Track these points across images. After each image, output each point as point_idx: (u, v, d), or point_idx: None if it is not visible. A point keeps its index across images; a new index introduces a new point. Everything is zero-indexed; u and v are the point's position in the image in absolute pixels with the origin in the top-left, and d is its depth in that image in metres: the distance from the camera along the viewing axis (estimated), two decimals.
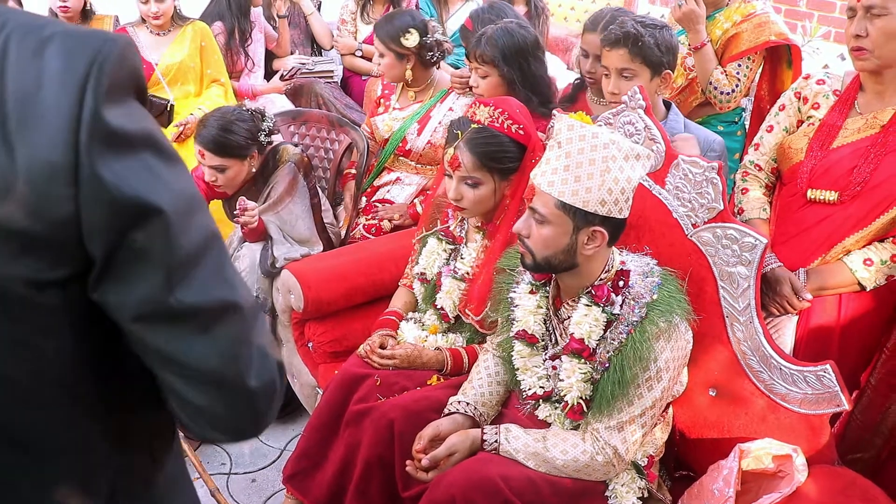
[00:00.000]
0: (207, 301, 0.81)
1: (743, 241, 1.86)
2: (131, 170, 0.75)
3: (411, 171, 3.29)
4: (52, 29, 0.75)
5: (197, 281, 0.80)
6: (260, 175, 2.89)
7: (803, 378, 1.81)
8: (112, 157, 0.74)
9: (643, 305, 1.75)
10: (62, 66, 0.73)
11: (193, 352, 0.81)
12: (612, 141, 1.66)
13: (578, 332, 1.79)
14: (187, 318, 0.80)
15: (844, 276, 2.10)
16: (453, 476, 1.77)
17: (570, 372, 1.81)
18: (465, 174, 2.12)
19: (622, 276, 1.80)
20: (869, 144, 2.08)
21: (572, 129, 1.68)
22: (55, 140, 0.72)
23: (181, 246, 0.78)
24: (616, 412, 1.75)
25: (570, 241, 1.72)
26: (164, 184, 0.78)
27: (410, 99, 3.24)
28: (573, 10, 5.77)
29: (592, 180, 1.65)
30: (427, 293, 2.36)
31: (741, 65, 3.00)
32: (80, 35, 0.76)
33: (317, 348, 2.64)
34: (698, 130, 2.55)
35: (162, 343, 0.81)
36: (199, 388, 0.83)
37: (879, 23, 1.98)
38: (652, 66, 2.36)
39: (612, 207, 1.68)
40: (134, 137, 0.77)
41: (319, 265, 2.70)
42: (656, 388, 1.74)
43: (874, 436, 2.22)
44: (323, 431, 2.16)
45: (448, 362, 2.20)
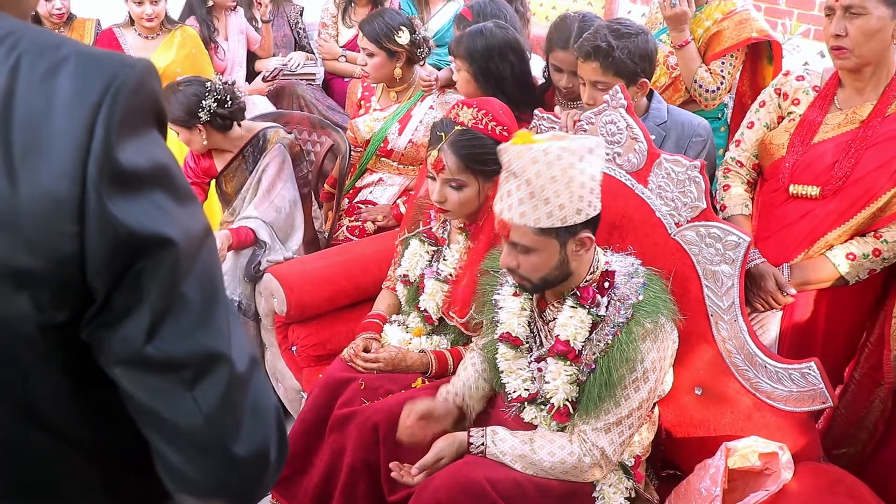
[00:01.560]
0: (191, 352, 0.75)
1: (726, 239, 1.86)
2: (141, 208, 0.70)
3: (393, 171, 3.28)
4: (67, 50, 0.70)
5: (184, 329, 0.74)
6: (249, 156, 2.90)
7: (788, 376, 1.81)
8: (121, 195, 0.69)
9: (629, 306, 1.75)
10: (74, 90, 0.68)
11: (173, 408, 0.75)
12: (563, 149, 1.63)
13: (564, 333, 1.78)
14: (168, 369, 0.74)
15: (827, 271, 2.11)
16: (439, 479, 1.76)
17: (555, 374, 1.80)
18: (449, 176, 2.11)
19: (607, 276, 1.79)
20: (849, 140, 2.10)
21: (522, 155, 1.64)
22: (61, 172, 0.67)
23: (178, 288, 0.74)
24: (603, 413, 1.74)
25: (561, 257, 1.72)
26: (174, 221, 0.73)
27: (392, 99, 3.23)
28: (554, 9, 5.79)
29: (560, 197, 1.63)
30: (410, 295, 2.34)
31: (724, 62, 3.01)
32: (97, 58, 0.71)
33: (300, 352, 2.62)
34: (682, 115, 2.54)
35: (142, 394, 0.76)
36: (180, 448, 0.77)
37: (858, 22, 1.99)
38: (625, 76, 2.30)
39: (588, 209, 1.67)
40: (145, 174, 0.72)
41: (302, 268, 2.68)
42: (643, 388, 1.73)
43: (858, 430, 2.23)
44: (308, 436, 2.14)
45: (433, 365, 2.19)
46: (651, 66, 2.38)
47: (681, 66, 3.04)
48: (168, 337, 0.73)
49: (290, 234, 2.94)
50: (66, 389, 0.77)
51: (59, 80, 0.68)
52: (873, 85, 2.11)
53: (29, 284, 0.69)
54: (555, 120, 2.28)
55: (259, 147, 2.92)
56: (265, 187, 2.86)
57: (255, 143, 2.93)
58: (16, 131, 0.67)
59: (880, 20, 1.98)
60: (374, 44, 3.05)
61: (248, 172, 2.92)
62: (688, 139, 2.46)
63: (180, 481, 0.80)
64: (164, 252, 0.72)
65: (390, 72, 3.12)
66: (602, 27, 2.34)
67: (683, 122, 2.49)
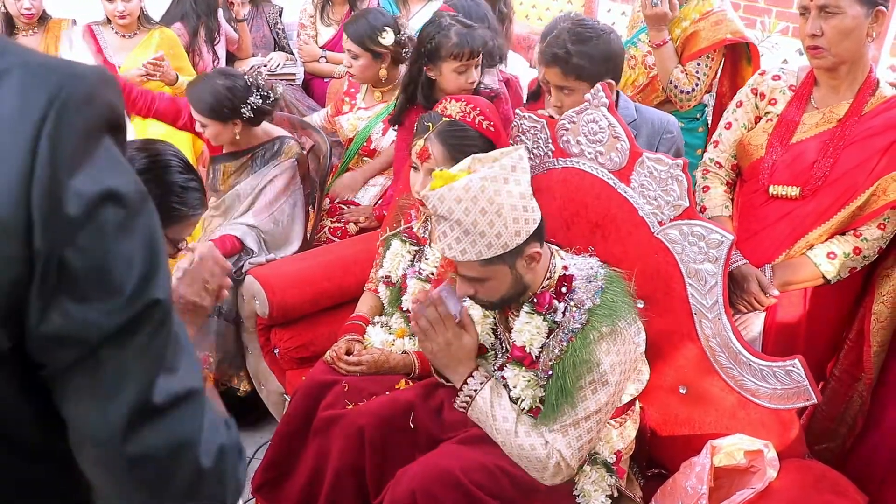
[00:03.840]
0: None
1: (709, 237, 1.86)
2: (79, 235, 0.67)
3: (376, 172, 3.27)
4: (9, 60, 0.66)
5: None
6: (259, 158, 2.86)
7: (772, 373, 1.81)
8: (63, 215, 0.65)
9: (584, 311, 1.75)
10: (16, 105, 0.63)
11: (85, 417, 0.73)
12: (483, 178, 1.63)
13: (520, 339, 1.81)
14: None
15: (809, 271, 2.12)
16: (413, 471, 1.76)
17: (514, 380, 1.82)
18: (433, 166, 2.10)
19: (564, 281, 1.81)
20: (827, 139, 2.11)
21: (444, 199, 1.65)
22: (5, 195, 0.63)
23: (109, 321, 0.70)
24: (560, 416, 1.74)
25: (514, 276, 1.74)
26: (117, 253, 0.70)
27: (377, 99, 3.22)
28: (534, 7, 5.80)
29: (495, 226, 1.64)
30: (393, 296, 2.33)
31: (700, 63, 3.03)
32: (43, 68, 0.66)
33: (283, 354, 2.60)
34: (651, 112, 2.55)
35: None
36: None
37: (834, 21, 2.00)
38: (587, 79, 2.28)
39: (526, 227, 1.69)
40: (90, 195, 0.67)
41: (284, 270, 2.66)
42: (601, 392, 1.73)
43: (839, 425, 2.25)
44: (291, 440, 2.12)
45: (415, 365, 2.17)
46: (615, 66, 2.36)
47: (658, 66, 3.05)
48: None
49: (284, 246, 2.91)
50: (27, 408, 0.74)
51: (1, 94, 0.64)
52: (848, 83, 2.12)
53: None
54: (536, 119, 2.28)
55: (273, 153, 2.88)
56: (269, 198, 2.83)
57: (269, 147, 2.88)
58: None
59: (855, 19, 1.99)
60: (358, 45, 3.04)
61: (251, 172, 2.88)
62: (658, 136, 2.47)
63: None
64: (114, 287, 0.70)
65: (375, 73, 3.11)
66: (563, 31, 2.31)
67: (653, 120, 2.49)
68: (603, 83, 2.10)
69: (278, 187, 2.84)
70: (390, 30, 3.02)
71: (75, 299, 0.68)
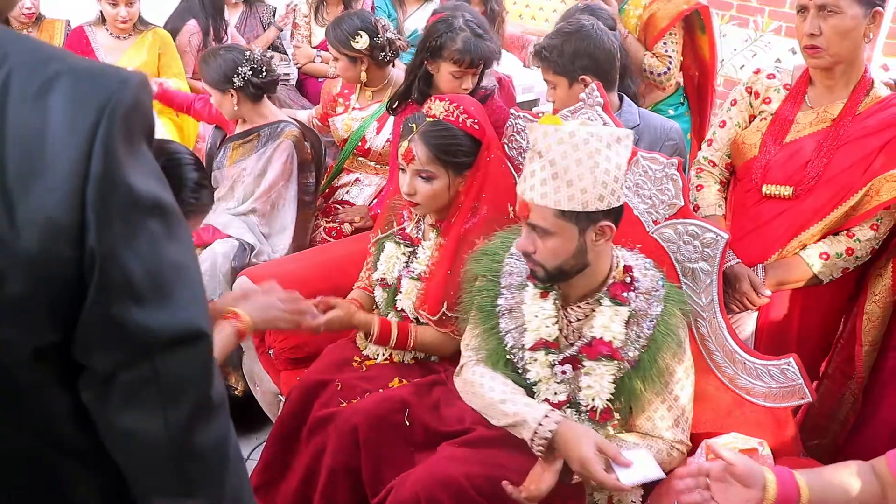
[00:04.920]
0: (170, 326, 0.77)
1: (704, 236, 1.87)
2: (136, 239, 0.71)
3: (370, 171, 3.27)
4: (57, 66, 0.68)
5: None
6: (264, 137, 2.98)
7: (767, 372, 1.82)
8: (120, 219, 0.69)
9: (659, 298, 1.76)
10: (69, 110, 0.66)
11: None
12: (591, 134, 1.63)
13: (608, 334, 1.75)
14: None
15: (801, 271, 2.13)
16: (417, 475, 1.75)
17: (598, 376, 1.76)
18: (419, 167, 2.10)
19: (628, 271, 1.79)
20: (821, 139, 2.11)
21: (548, 135, 1.64)
22: (60, 197, 0.65)
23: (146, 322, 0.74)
24: (666, 410, 1.79)
25: (579, 244, 1.69)
26: (167, 260, 0.74)
27: (369, 98, 3.22)
28: (528, 7, 5.80)
29: (584, 180, 1.61)
30: (389, 298, 2.32)
31: (666, 42, 3.07)
32: (91, 74, 0.69)
33: (278, 355, 2.59)
34: (654, 119, 2.56)
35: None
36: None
37: (833, 21, 2.00)
38: (565, 75, 2.39)
39: (611, 198, 1.65)
40: (143, 200, 0.71)
41: (279, 270, 2.65)
42: (691, 374, 1.81)
43: (831, 422, 2.26)
44: (286, 441, 2.12)
45: (374, 330, 2.15)
46: (595, 63, 2.38)
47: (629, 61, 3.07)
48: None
49: (279, 232, 2.98)
50: (64, 402, 0.77)
51: (53, 100, 0.66)
52: (843, 83, 2.12)
53: (25, 308, 0.67)
54: (531, 118, 2.28)
55: (274, 134, 2.99)
56: (269, 183, 2.94)
57: (272, 128, 3.00)
58: (10, 154, 0.65)
59: (854, 19, 2.00)
60: (335, 49, 3.11)
61: (255, 150, 2.99)
62: (660, 143, 2.48)
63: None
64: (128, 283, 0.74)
65: (356, 75, 3.15)
66: (555, 28, 2.43)
67: (656, 126, 2.50)
68: (598, 83, 2.11)
69: (276, 171, 2.93)
70: (365, 34, 3.03)
71: (134, 302, 0.72)
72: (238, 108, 2.93)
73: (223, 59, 2.86)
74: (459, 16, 2.79)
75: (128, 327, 0.72)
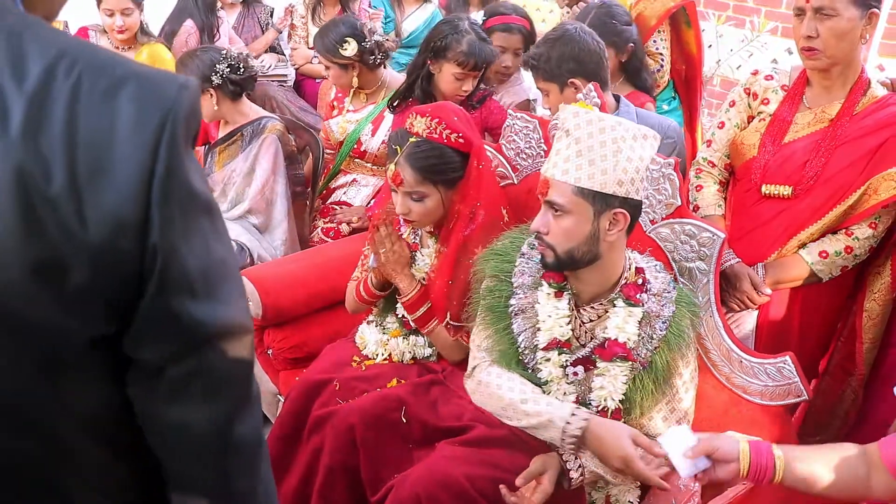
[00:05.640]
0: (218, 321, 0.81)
1: (701, 236, 1.87)
2: (192, 236, 0.76)
3: (367, 172, 3.28)
4: (123, 70, 0.72)
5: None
6: (247, 136, 3.00)
7: (764, 370, 1.83)
8: (180, 216, 0.74)
9: (671, 299, 1.76)
10: (136, 113, 0.70)
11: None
12: (619, 122, 1.65)
13: (622, 335, 1.74)
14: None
15: (801, 269, 2.14)
16: (417, 475, 1.76)
17: (612, 377, 1.75)
18: (409, 190, 2.07)
19: (640, 273, 1.78)
20: (819, 139, 2.12)
21: (578, 115, 1.66)
22: (127, 194, 0.70)
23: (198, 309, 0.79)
24: (671, 413, 1.79)
25: (592, 228, 1.66)
26: (216, 256, 0.80)
27: (363, 101, 3.23)
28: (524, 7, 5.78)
29: (606, 161, 1.62)
30: (387, 301, 2.32)
31: (655, 40, 3.07)
32: (155, 79, 0.73)
33: (277, 355, 2.60)
34: (651, 118, 2.57)
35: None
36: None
37: (829, 23, 2.01)
38: (553, 80, 2.41)
39: (630, 188, 1.65)
40: (199, 199, 0.77)
41: (277, 271, 2.66)
42: (696, 377, 1.81)
43: (832, 419, 2.27)
44: (286, 441, 2.12)
45: (413, 293, 2.17)
46: (581, 65, 2.39)
47: None
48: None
49: (275, 227, 3.02)
50: (112, 396, 0.81)
51: (120, 102, 0.70)
52: (841, 84, 2.13)
53: (87, 299, 0.71)
54: (528, 119, 2.28)
55: (258, 131, 3.01)
56: (261, 181, 2.97)
57: (255, 125, 3.03)
58: (80, 151, 0.68)
59: (850, 21, 2.00)
60: (324, 59, 3.13)
61: (240, 150, 3.01)
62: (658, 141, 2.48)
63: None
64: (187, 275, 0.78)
65: (348, 81, 3.17)
66: (542, 37, 2.48)
67: (653, 125, 2.50)
68: (595, 83, 2.11)
69: (266, 169, 2.97)
70: (352, 40, 3.04)
71: (190, 296, 0.77)
72: (218, 107, 2.94)
73: (200, 60, 2.87)
74: (465, 18, 2.80)
75: (182, 320, 0.76)
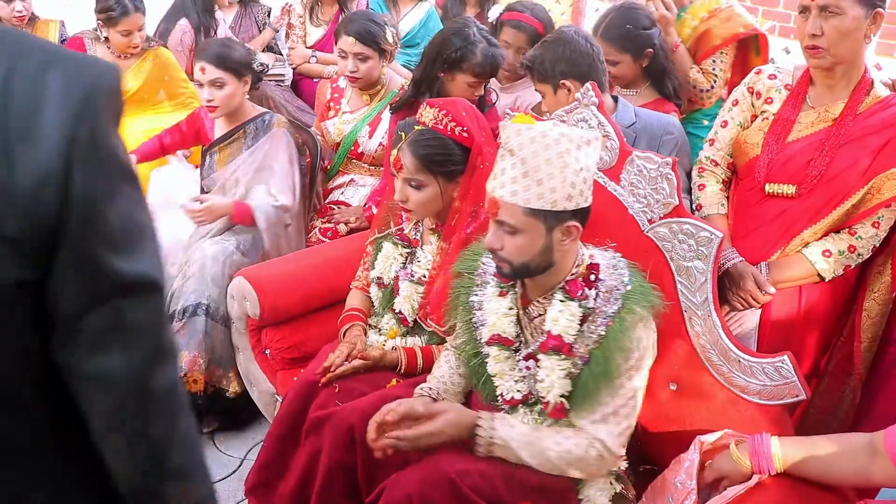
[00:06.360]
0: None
1: (699, 235, 1.87)
2: (114, 195, 0.84)
3: (365, 172, 3.28)
4: (52, 55, 0.83)
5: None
6: (251, 132, 3.00)
7: (762, 369, 1.83)
8: (101, 175, 0.82)
9: (618, 296, 1.75)
10: (63, 87, 0.80)
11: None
12: (562, 134, 1.65)
13: (556, 328, 1.76)
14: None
15: (804, 268, 2.14)
16: (410, 474, 1.76)
17: (549, 370, 1.77)
18: (408, 176, 2.12)
19: (593, 269, 1.79)
20: (823, 138, 2.12)
21: (520, 133, 1.65)
22: (51, 151, 0.79)
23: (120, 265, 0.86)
24: (599, 405, 1.73)
25: (546, 242, 1.70)
26: (138, 220, 0.88)
27: (364, 101, 3.22)
28: None
29: (554, 179, 1.63)
30: (385, 298, 2.33)
31: (715, 60, 3.03)
32: (81, 60, 0.84)
33: (274, 355, 2.60)
34: (651, 116, 2.57)
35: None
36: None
37: (834, 21, 2.01)
38: (547, 81, 2.45)
39: (579, 199, 1.66)
40: (121, 163, 0.86)
41: (275, 271, 2.66)
42: (636, 377, 1.73)
43: (831, 419, 2.27)
44: (284, 441, 2.12)
45: (402, 362, 2.17)
46: (573, 67, 2.41)
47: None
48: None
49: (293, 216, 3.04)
50: (34, 346, 0.86)
51: (49, 78, 0.80)
52: (844, 83, 2.14)
53: (16, 246, 0.79)
54: None
55: (264, 127, 3.01)
56: (283, 172, 2.95)
57: (258, 122, 3.02)
58: (13, 118, 0.78)
59: (855, 20, 2.01)
60: (370, 46, 3.02)
61: (244, 147, 3.00)
62: (658, 139, 2.49)
63: None
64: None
65: (380, 72, 3.13)
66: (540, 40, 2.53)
67: (653, 123, 2.51)
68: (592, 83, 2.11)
69: (285, 161, 2.95)
70: (388, 27, 3.05)
71: (108, 247, 0.84)
72: (240, 97, 2.96)
73: (242, 47, 2.96)
74: (471, 24, 2.80)
75: (100, 269, 0.84)
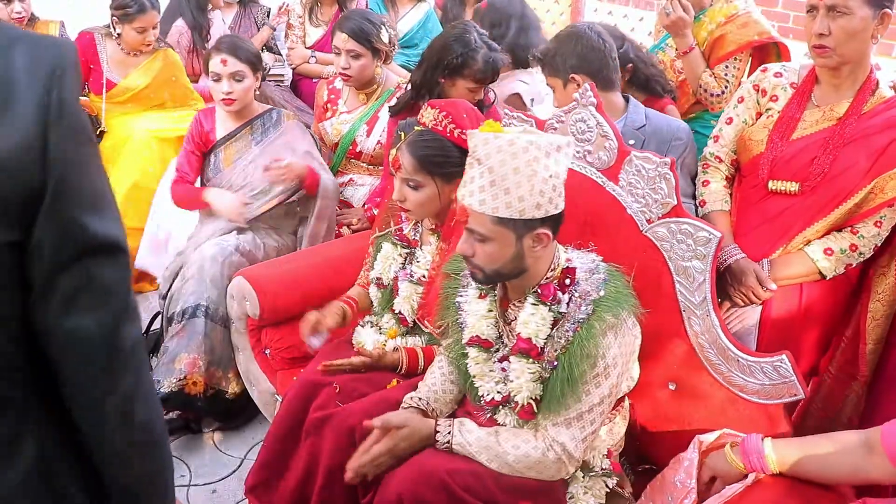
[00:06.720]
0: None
1: (697, 235, 1.88)
2: (85, 159, 0.94)
3: (363, 172, 3.29)
4: (16, 34, 0.91)
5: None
6: (258, 128, 3.04)
7: (760, 369, 1.83)
8: (72, 139, 0.90)
9: (590, 302, 1.74)
10: (30, 62, 0.88)
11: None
12: (530, 142, 1.64)
13: (525, 331, 1.78)
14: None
15: (806, 266, 2.14)
16: (401, 474, 1.76)
17: (519, 372, 1.79)
18: (406, 176, 2.12)
19: (568, 274, 1.79)
20: (827, 136, 2.12)
21: (488, 142, 1.65)
22: (27, 118, 0.86)
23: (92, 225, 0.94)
24: (563, 409, 1.74)
25: (517, 250, 1.71)
26: (103, 185, 0.97)
27: (361, 101, 3.23)
28: None
29: (521, 188, 1.63)
30: (384, 298, 2.33)
31: (728, 66, 3.03)
32: (44, 39, 0.92)
33: (274, 355, 2.60)
34: (660, 119, 2.57)
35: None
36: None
37: (842, 21, 2.02)
38: (557, 75, 2.48)
39: (548, 206, 1.67)
40: (87, 132, 0.95)
41: (275, 270, 2.66)
42: (604, 384, 1.73)
43: (835, 424, 2.26)
44: (284, 441, 2.12)
45: (403, 362, 2.17)
46: (584, 62, 2.43)
47: (686, 72, 3.06)
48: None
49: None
50: (18, 302, 0.93)
51: (15, 54, 0.88)
52: (850, 83, 2.14)
53: (3, 209, 0.86)
54: (524, 119, 2.29)
55: (273, 122, 3.06)
56: (319, 162, 3.03)
57: (266, 118, 3.06)
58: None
59: (863, 20, 2.01)
60: (362, 44, 3.04)
61: (253, 143, 3.03)
62: (668, 143, 2.48)
63: None
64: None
65: (373, 71, 3.13)
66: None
67: (662, 127, 2.51)
68: (591, 83, 2.12)
69: (304, 148, 3.03)
70: (384, 27, 3.05)
71: (82, 207, 0.92)
72: (253, 93, 3.02)
73: (253, 46, 3.03)
74: (471, 29, 2.80)
75: (75, 226, 0.92)
